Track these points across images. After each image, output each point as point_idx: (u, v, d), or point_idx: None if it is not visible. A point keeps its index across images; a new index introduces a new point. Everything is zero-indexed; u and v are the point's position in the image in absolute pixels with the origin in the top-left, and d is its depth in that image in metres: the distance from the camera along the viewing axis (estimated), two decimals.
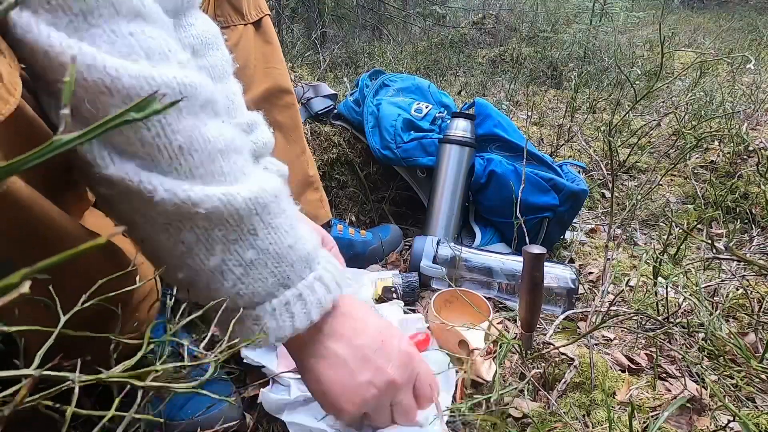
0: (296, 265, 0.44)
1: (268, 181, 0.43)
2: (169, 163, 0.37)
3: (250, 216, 0.40)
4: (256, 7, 0.86)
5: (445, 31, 3.96)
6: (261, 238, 0.42)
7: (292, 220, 0.45)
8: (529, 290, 0.63)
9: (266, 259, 0.42)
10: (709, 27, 4.48)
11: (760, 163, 1.08)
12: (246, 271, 0.42)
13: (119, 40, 0.35)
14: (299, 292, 0.44)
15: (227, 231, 0.40)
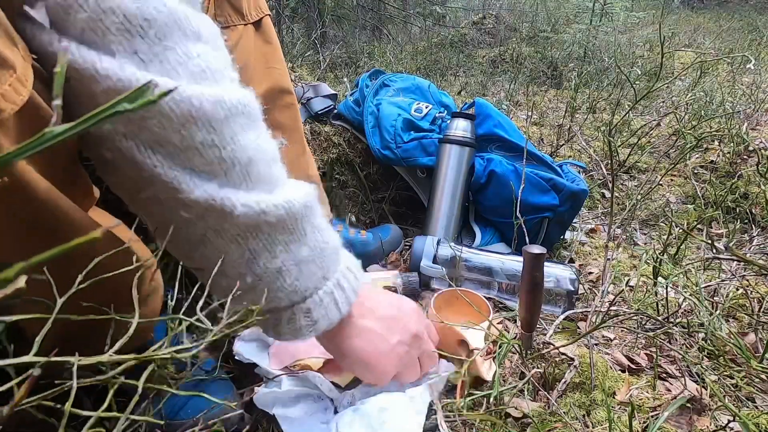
0: (332, 258, 0.50)
1: (305, 185, 0.48)
2: (240, 177, 0.41)
3: (303, 219, 0.45)
4: (257, 7, 0.86)
5: (445, 31, 3.96)
6: (309, 237, 0.46)
7: (323, 219, 0.50)
8: (529, 290, 0.63)
9: (314, 256, 0.47)
10: (709, 27, 4.48)
11: (760, 163, 1.08)
12: (300, 269, 0.46)
13: (190, 61, 0.38)
14: (337, 281, 0.50)
15: (287, 234, 0.44)
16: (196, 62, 0.38)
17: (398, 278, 0.93)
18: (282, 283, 0.46)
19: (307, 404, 0.67)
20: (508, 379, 0.74)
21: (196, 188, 0.39)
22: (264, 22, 0.88)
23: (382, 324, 0.56)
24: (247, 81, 0.85)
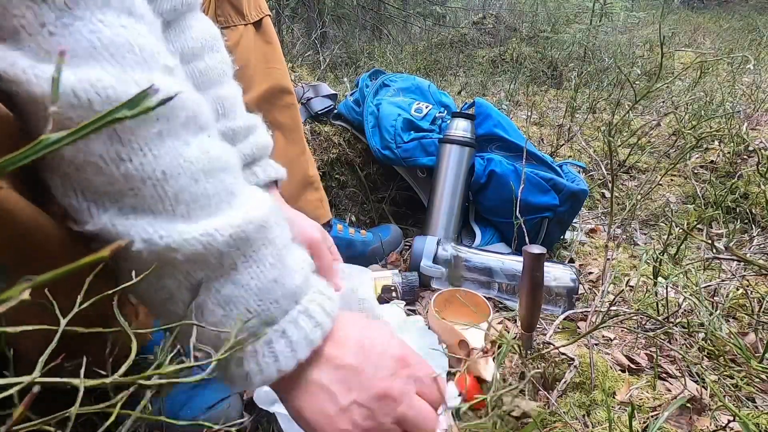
0: (281, 301, 0.39)
1: (256, 207, 0.39)
2: (153, 196, 0.34)
3: (230, 253, 0.37)
4: (257, 7, 0.86)
5: (445, 31, 3.96)
6: (241, 273, 0.38)
7: (280, 250, 0.40)
8: (529, 290, 0.63)
9: (248, 296, 0.38)
10: (709, 27, 4.48)
11: (760, 163, 1.08)
12: (227, 312, 0.38)
13: (108, 30, 0.31)
14: (282, 329, 0.39)
15: (209, 271, 0.37)
16: (119, 34, 0.32)
17: (398, 278, 0.94)
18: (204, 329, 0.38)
19: None
20: (508, 379, 0.74)
21: (91, 219, 0.33)
22: (264, 22, 0.88)
23: (338, 377, 0.41)
24: (247, 81, 0.85)
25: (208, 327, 0.38)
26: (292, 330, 0.40)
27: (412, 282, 0.93)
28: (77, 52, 0.30)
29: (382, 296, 0.90)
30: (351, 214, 1.24)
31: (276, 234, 0.40)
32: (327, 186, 1.19)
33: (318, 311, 0.41)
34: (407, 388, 0.43)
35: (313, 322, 0.41)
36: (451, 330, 0.77)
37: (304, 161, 0.97)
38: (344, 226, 1.06)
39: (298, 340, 0.39)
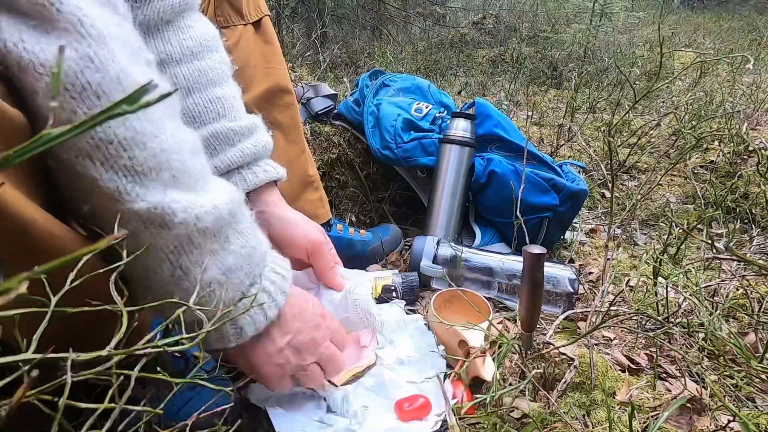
0: (259, 263, 0.48)
1: (230, 188, 0.45)
2: (179, 169, 0.39)
3: (229, 224, 0.43)
4: (256, 7, 0.86)
5: (445, 31, 3.96)
6: (234, 244, 0.45)
7: (252, 224, 0.48)
8: (529, 290, 0.63)
9: (242, 263, 0.45)
10: (709, 27, 4.47)
11: (760, 163, 1.08)
12: (227, 278, 0.44)
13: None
14: (263, 286, 0.48)
15: (214, 242, 0.42)
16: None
17: (398, 278, 0.93)
18: (209, 297, 0.43)
19: (300, 401, 0.67)
20: (508, 379, 0.74)
21: (138, 199, 0.37)
22: (264, 23, 0.88)
23: (279, 324, 0.53)
24: (247, 80, 0.85)
25: (214, 297, 0.44)
26: (269, 285, 0.49)
27: (412, 282, 0.93)
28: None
29: (382, 296, 0.90)
30: (351, 214, 1.24)
31: (246, 210, 0.48)
32: (327, 186, 1.18)
33: (280, 264, 0.52)
34: (326, 335, 0.59)
35: (280, 276, 0.50)
36: (451, 330, 0.77)
37: (304, 161, 0.97)
38: (344, 225, 1.06)
39: (275, 291, 0.49)
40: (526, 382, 0.64)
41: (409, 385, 0.71)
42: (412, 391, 0.70)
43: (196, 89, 0.59)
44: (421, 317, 0.83)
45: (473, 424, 0.66)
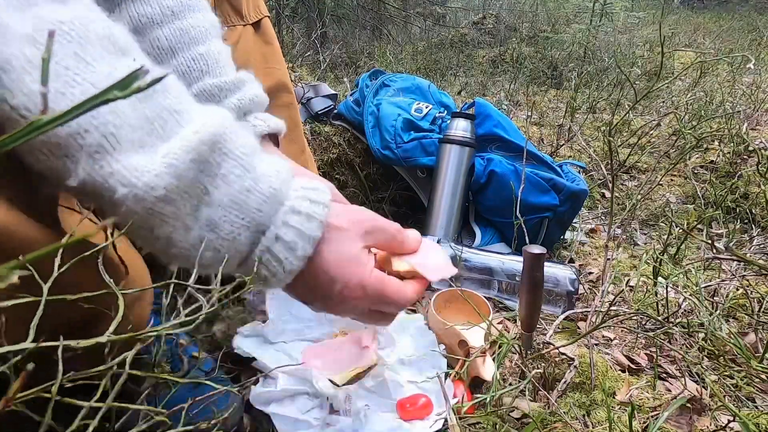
0: (264, 207, 0.40)
1: (207, 122, 0.37)
2: (105, 133, 0.33)
3: (196, 177, 0.36)
4: (256, 8, 0.86)
5: (445, 31, 3.96)
6: (212, 194, 0.38)
7: (245, 159, 0.39)
8: (529, 290, 0.63)
9: (227, 213, 0.38)
10: (709, 27, 4.47)
11: (760, 163, 1.08)
12: (218, 234, 0.38)
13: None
14: (275, 234, 0.40)
15: (188, 201, 0.36)
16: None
17: None
18: (207, 254, 0.38)
19: (303, 402, 0.67)
20: (508, 379, 0.74)
21: (70, 170, 0.32)
22: (263, 23, 0.88)
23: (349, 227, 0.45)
24: None
25: (210, 255, 0.38)
26: (285, 231, 0.40)
27: None
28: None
29: None
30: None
31: (236, 144, 0.39)
32: None
33: (305, 205, 0.41)
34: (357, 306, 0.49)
35: (303, 217, 0.41)
36: (451, 330, 0.77)
37: (304, 160, 0.97)
38: None
39: (293, 239, 0.40)
40: (526, 382, 0.64)
41: (410, 385, 0.71)
42: (413, 391, 0.70)
43: (179, 49, 0.57)
44: (422, 317, 0.83)
45: (473, 424, 0.66)
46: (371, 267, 0.46)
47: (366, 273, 0.45)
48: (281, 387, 0.67)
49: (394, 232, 0.50)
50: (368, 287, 0.45)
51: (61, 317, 0.33)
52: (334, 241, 0.43)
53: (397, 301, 0.48)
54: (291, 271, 0.41)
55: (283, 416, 0.64)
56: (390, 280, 0.48)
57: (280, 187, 0.41)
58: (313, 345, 0.79)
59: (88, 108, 0.15)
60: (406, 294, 0.49)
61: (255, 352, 0.73)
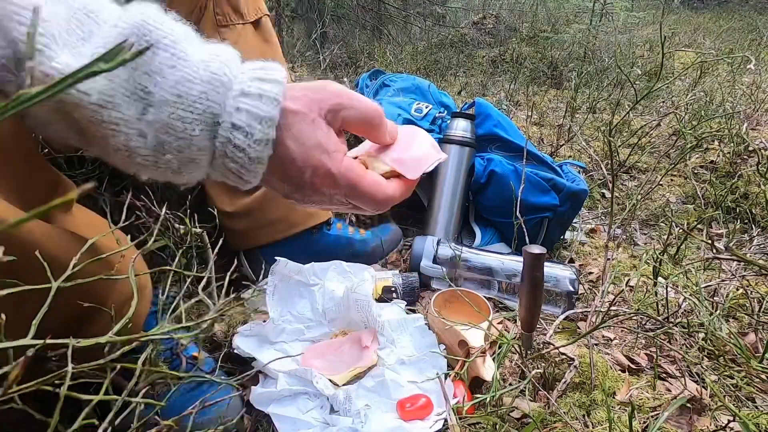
0: (211, 95, 0.36)
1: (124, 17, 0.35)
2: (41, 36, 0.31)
3: (132, 77, 0.34)
4: (255, 7, 0.86)
5: (445, 31, 3.96)
6: (153, 93, 0.35)
7: (175, 48, 0.36)
8: (529, 290, 0.63)
9: (175, 110, 0.35)
10: (709, 27, 4.47)
11: (760, 163, 1.08)
12: (172, 134, 0.36)
13: None
14: (230, 122, 0.37)
15: (129, 106, 0.34)
16: None
17: (398, 279, 0.93)
18: (169, 156, 0.36)
19: (303, 402, 0.67)
20: (508, 379, 0.74)
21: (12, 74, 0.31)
22: (263, 22, 0.88)
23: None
24: None
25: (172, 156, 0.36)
26: (238, 117, 0.37)
27: (413, 283, 0.93)
28: None
29: (383, 297, 0.90)
30: (351, 214, 1.24)
31: (163, 33, 0.36)
32: None
33: (255, 85, 0.38)
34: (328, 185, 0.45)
35: (254, 97, 0.37)
36: (451, 330, 0.77)
37: None
38: (343, 225, 1.06)
39: (248, 122, 0.37)
40: (526, 382, 0.64)
41: (410, 385, 0.71)
42: (413, 391, 0.70)
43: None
44: (422, 317, 0.83)
45: (473, 424, 0.66)
46: (341, 154, 0.41)
47: (335, 161, 0.40)
48: (281, 387, 0.67)
49: (366, 110, 0.42)
50: (338, 177, 0.41)
51: (56, 314, 0.33)
52: (293, 125, 0.39)
53: (374, 197, 0.43)
54: (258, 159, 0.38)
55: (283, 416, 0.64)
56: (366, 173, 0.43)
57: (222, 70, 0.37)
58: (313, 345, 0.79)
59: (75, 80, 0.15)
60: (385, 190, 0.44)
61: (255, 352, 0.73)
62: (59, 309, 0.34)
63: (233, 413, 0.64)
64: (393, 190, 0.44)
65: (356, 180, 0.41)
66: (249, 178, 0.39)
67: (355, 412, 0.65)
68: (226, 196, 0.89)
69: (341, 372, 0.72)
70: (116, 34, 0.34)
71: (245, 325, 0.78)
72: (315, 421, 0.64)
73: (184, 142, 0.36)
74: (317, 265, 0.87)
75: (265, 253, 0.94)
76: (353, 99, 0.41)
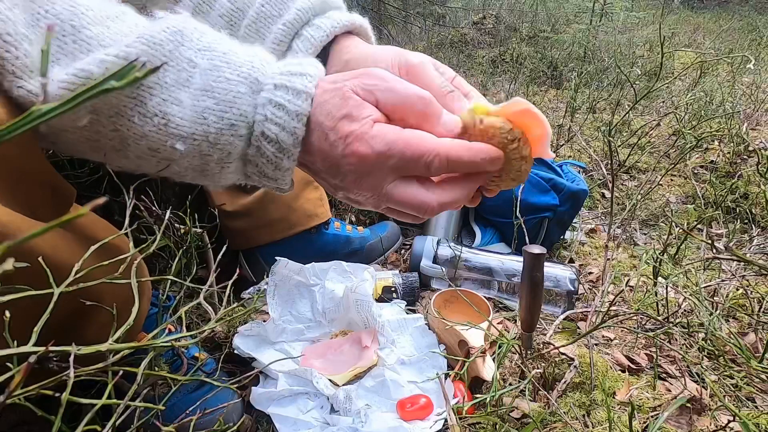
0: (255, 62, 0.38)
1: (171, 16, 0.38)
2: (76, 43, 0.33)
3: (177, 50, 0.36)
4: None
5: (445, 31, 3.96)
6: (199, 63, 0.37)
7: (219, 36, 0.39)
8: (529, 290, 0.63)
9: (221, 73, 0.37)
10: (709, 27, 4.47)
11: (760, 163, 1.08)
12: (215, 96, 0.37)
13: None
14: (273, 83, 0.38)
15: (173, 70, 0.36)
16: None
17: (398, 279, 0.93)
18: (208, 129, 0.37)
19: (303, 402, 0.67)
20: (508, 379, 0.74)
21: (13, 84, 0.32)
22: None
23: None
24: None
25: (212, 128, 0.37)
26: (281, 78, 0.38)
27: (413, 283, 0.93)
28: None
29: (383, 297, 0.90)
30: (351, 213, 1.24)
31: (206, 28, 0.39)
32: None
33: (296, 67, 0.39)
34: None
35: (299, 66, 0.39)
36: (451, 330, 0.77)
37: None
38: (341, 223, 1.06)
39: (295, 84, 0.38)
40: (526, 382, 0.64)
41: (410, 384, 0.71)
42: (414, 391, 0.70)
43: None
44: (422, 317, 0.83)
45: (473, 424, 0.66)
46: (372, 118, 0.38)
47: (364, 124, 0.37)
48: (281, 387, 0.67)
49: (405, 94, 0.39)
50: (372, 141, 0.37)
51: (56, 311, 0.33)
52: (327, 102, 0.38)
53: (421, 150, 0.37)
54: (298, 116, 0.37)
55: (283, 416, 0.64)
56: (402, 132, 0.38)
57: (263, 53, 0.40)
58: (313, 345, 0.79)
59: (87, 97, 0.15)
60: (431, 143, 0.38)
61: (255, 352, 0.73)
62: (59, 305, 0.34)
63: (234, 414, 0.64)
64: (443, 142, 0.38)
65: (393, 140, 0.37)
66: (288, 145, 0.38)
67: (355, 412, 0.65)
68: (226, 196, 0.89)
69: (341, 372, 0.72)
70: (160, 30, 0.36)
71: (245, 325, 0.78)
72: (315, 421, 0.65)
73: (226, 105, 0.37)
74: (317, 265, 0.87)
75: (265, 252, 0.94)
76: (392, 81, 0.39)
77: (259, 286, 0.92)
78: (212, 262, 0.76)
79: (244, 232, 0.92)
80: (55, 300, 0.31)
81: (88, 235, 0.43)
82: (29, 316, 0.31)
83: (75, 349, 0.28)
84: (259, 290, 0.91)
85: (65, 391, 0.28)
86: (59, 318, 0.35)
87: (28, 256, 0.35)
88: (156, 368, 0.59)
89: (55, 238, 0.39)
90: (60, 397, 0.28)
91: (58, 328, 0.36)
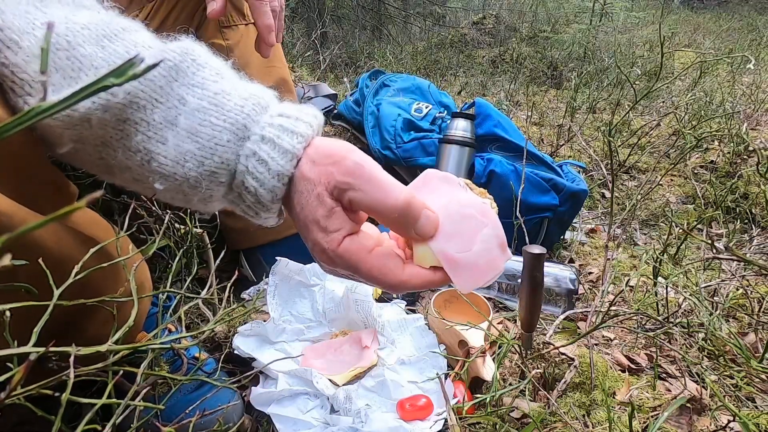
0: (246, 108, 0.37)
1: (171, 45, 0.37)
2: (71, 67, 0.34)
3: (170, 85, 0.36)
4: None
5: (445, 31, 3.96)
6: (189, 102, 0.36)
7: (218, 70, 0.38)
8: (529, 290, 0.63)
9: (207, 117, 0.36)
10: (709, 27, 4.48)
11: (760, 163, 1.08)
12: (198, 141, 0.36)
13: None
14: (260, 134, 0.36)
15: (160, 106, 0.36)
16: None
17: None
18: (188, 166, 0.36)
19: (303, 402, 0.67)
20: (508, 379, 0.74)
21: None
22: None
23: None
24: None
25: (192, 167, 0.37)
26: (271, 131, 0.37)
27: None
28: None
29: (383, 297, 0.90)
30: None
31: (209, 60, 0.39)
32: None
33: (292, 110, 0.39)
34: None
35: (293, 119, 0.38)
36: (451, 330, 0.77)
37: None
38: None
39: (282, 137, 0.37)
40: (526, 382, 0.64)
41: (410, 385, 0.71)
42: (414, 391, 0.70)
43: None
44: (422, 317, 0.83)
45: (473, 424, 0.66)
46: (342, 234, 0.37)
47: (331, 241, 0.36)
48: (281, 387, 0.67)
49: (376, 200, 0.36)
50: (334, 257, 0.37)
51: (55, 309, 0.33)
52: (303, 192, 0.37)
53: (382, 282, 0.37)
54: (280, 174, 0.36)
55: (283, 416, 0.64)
56: (369, 257, 0.37)
57: (259, 93, 0.39)
58: (313, 345, 0.79)
59: (85, 95, 0.15)
60: (396, 276, 0.37)
61: (255, 352, 0.73)
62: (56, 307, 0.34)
63: (234, 414, 0.64)
64: (410, 276, 0.38)
65: (355, 263, 0.37)
66: (267, 201, 0.37)
67: (355, 411, 0.65)
68: None
69: (341, 372, 0.72)
70: (160, 51, 0.36)
71: (245, 325, 0.78)
72: (315, 421, 0.65)
73: (208, 152, 0.36)
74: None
75: (265, 252, 0.94)
76: (366, 181, 0.36)
77: (259, 286, 0.92)
78: (212, 262, 0.76)
79: (245, 231, 0.92)
80: (55, 300, 0.31)
81: (89, 235, 0.44)
82: (31, 311, 0.32)
83: (75, 350, 0.28)
84: (259, 290, 0.91)
85: (65, 391, 0.28)
86: (61, 315, 0.35)
87: (33, 248, 0.36)
88: (156, 368, 0.59)
89: (59, 232, 0.39)
90: (60, 396, 0.28)
91: (59, 324, 0.36)
